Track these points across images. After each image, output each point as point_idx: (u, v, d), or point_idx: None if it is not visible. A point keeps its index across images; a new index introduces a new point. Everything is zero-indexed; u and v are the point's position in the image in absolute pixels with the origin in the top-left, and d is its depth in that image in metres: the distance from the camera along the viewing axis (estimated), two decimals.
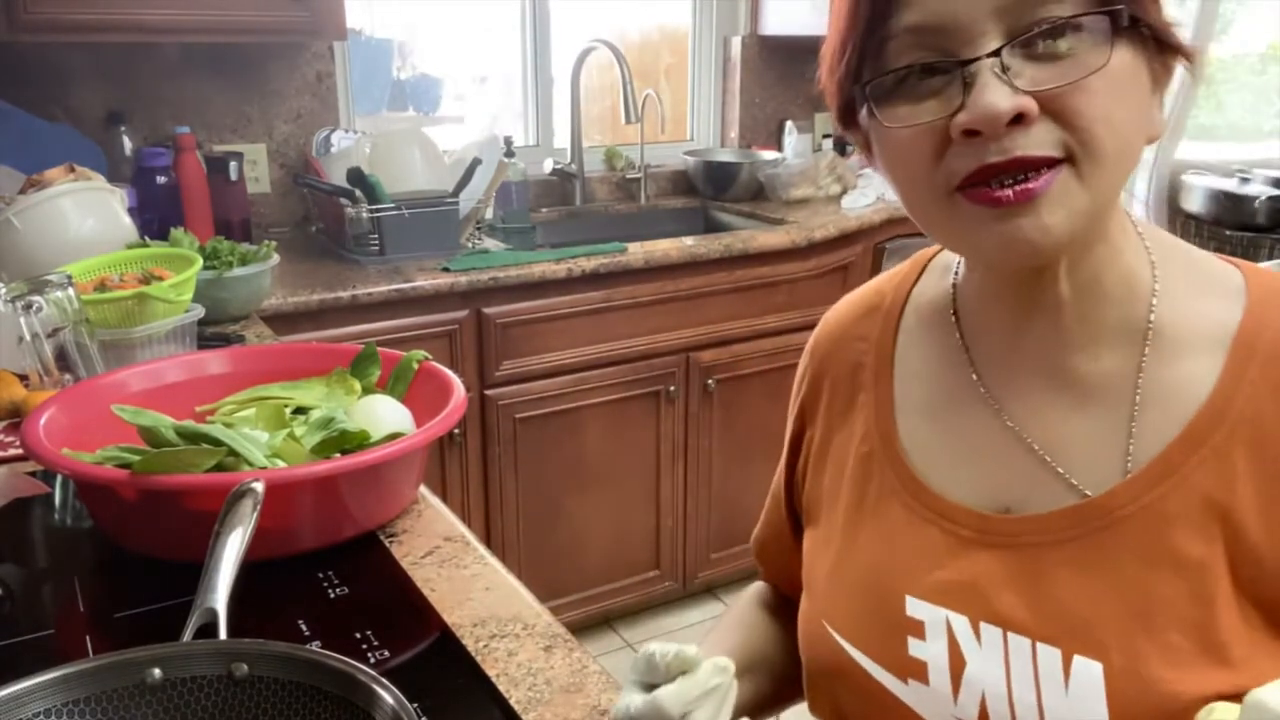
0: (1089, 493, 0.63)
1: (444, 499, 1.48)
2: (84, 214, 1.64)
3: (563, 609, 2.39)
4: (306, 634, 0.82)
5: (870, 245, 2.73)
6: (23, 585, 0.92)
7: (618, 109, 2.69)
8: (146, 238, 1.72)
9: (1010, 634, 0.63)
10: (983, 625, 0.64)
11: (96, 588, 0.91)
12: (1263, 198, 3.85)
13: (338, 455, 0.96)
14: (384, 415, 1.04)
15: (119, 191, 1.77)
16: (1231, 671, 0.57)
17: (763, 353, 2.50)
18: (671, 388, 2.40)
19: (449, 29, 2.89)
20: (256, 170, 2.48)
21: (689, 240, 2.40)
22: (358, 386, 1.11)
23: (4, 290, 1.24)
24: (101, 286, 1.40)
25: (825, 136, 3.24)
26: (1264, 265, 0.68)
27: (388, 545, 0.96)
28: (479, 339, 2.16)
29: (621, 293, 2.28)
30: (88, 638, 0.83)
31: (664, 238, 2.46)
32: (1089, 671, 0.59)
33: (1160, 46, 0.59)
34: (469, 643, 0.81)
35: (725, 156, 3.08)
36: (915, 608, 0.67)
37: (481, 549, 0.97)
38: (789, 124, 3.14)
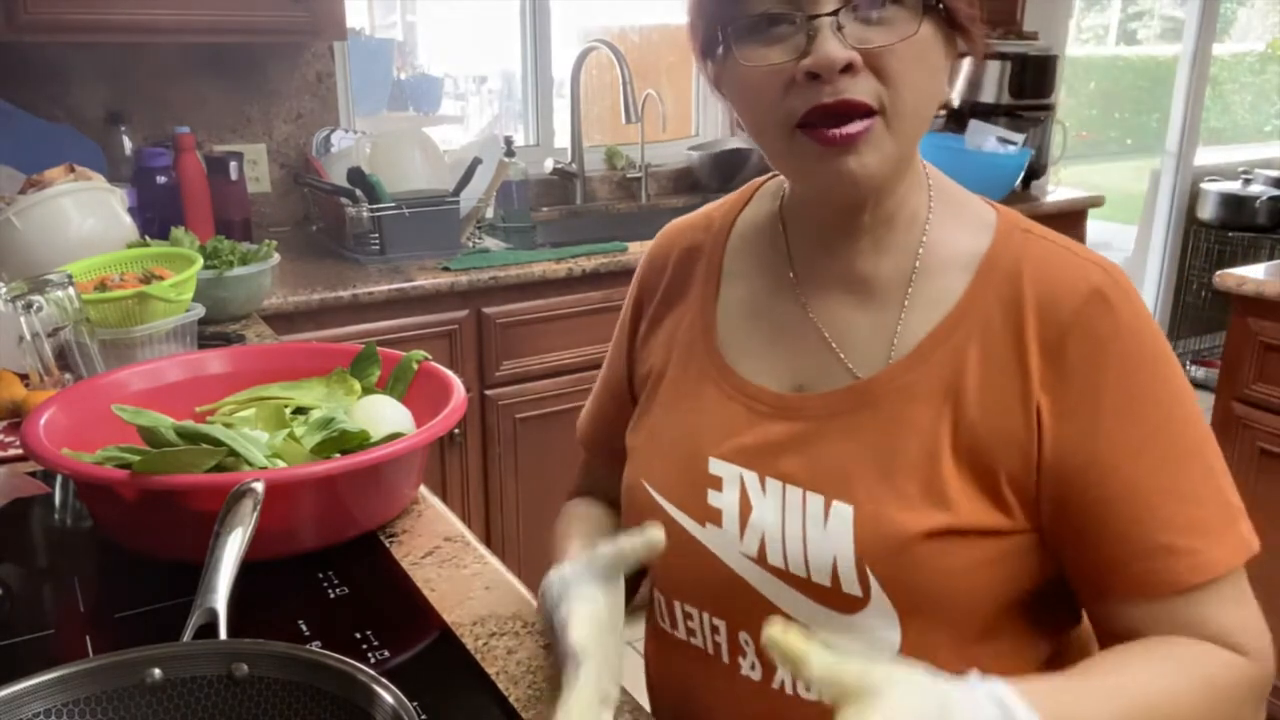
0: (860, 375, 0.79)
1: (444, 499, 1.48)
2: (84, 214, 1.64)
3: None
4: (306, 634, 0.82)
5: None
6: (23, 585, 0.92)
7: (618, 108, 2.69)
8: (147, 237, 1.72)
9: (788, 486, 0.78)
10: (768, 480, 0.79)
11: (96, 588, 0.91)
12: (1263, 198, 3.85)
13: (338, 455, 0.96)
14: (384, 415, 1.04)
15: (119, 191, 1.77)
16: (948, 513, 0.73)
17: None
18: None
19: (449, 29, 2.90)
20: (257, 170, 2.48)
21: None
22: (358, 386, 1.11)
23: (4, 290, 1.24)
24: (101, 286, 1.40)
25: None
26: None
27: (388, 545, 0.96)
28: (479, 339, 2.16)
29: (622, 292, 2.26)
30: (88, 638, 0.83)
31: None
32: (843, 512, 0.75)
33: (952, 27, 0.75)
34: (469, 641, 0.81)
35: (736, 144, 3.04)
36: (716, 466, 0.82)
37: (481, 549, 0.97)
38: None
